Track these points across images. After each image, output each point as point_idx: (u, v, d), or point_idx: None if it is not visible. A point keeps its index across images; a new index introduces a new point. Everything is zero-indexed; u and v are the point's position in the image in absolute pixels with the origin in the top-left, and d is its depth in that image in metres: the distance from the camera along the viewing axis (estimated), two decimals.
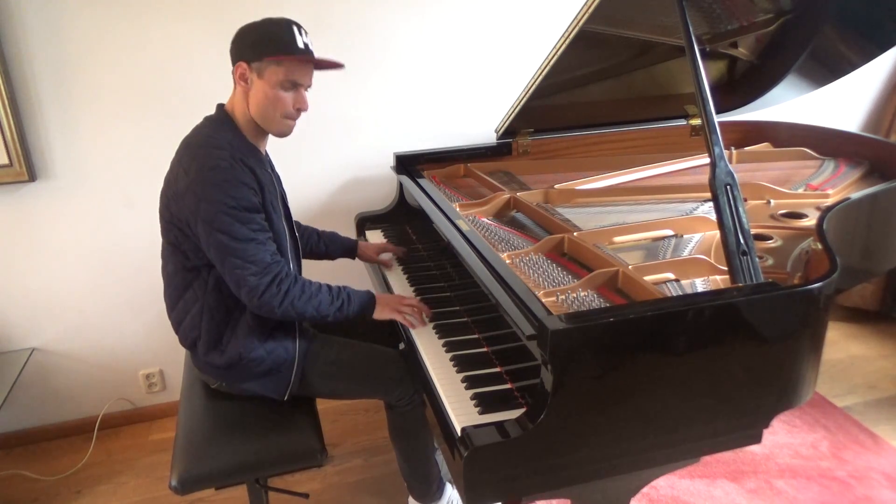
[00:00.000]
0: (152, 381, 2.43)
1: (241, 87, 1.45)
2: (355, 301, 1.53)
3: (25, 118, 2.01)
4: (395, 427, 1.74)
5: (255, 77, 1.43)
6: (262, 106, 1.45)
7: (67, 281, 2.21)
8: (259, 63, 1.41)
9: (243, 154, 1.43)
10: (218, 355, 1.53)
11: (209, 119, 1.51)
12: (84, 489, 2.13)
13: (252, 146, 1.50)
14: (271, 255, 1.43)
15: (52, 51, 1.97)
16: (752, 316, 1.15)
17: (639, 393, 1.13)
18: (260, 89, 1.43)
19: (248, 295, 1.41)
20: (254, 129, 1.50)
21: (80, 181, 2.12)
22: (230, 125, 1.48)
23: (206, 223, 1.38)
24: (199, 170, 1.38)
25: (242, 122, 1.49)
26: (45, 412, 2.35)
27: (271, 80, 1.42)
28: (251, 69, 1.42)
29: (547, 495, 1.23)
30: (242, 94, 1.46)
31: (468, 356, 1.44)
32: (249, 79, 1.43)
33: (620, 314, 1.08)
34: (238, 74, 1.44)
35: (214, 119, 1.50)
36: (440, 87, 2.38)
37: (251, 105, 1.46)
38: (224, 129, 1.46)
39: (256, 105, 1.45)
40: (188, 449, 1.48)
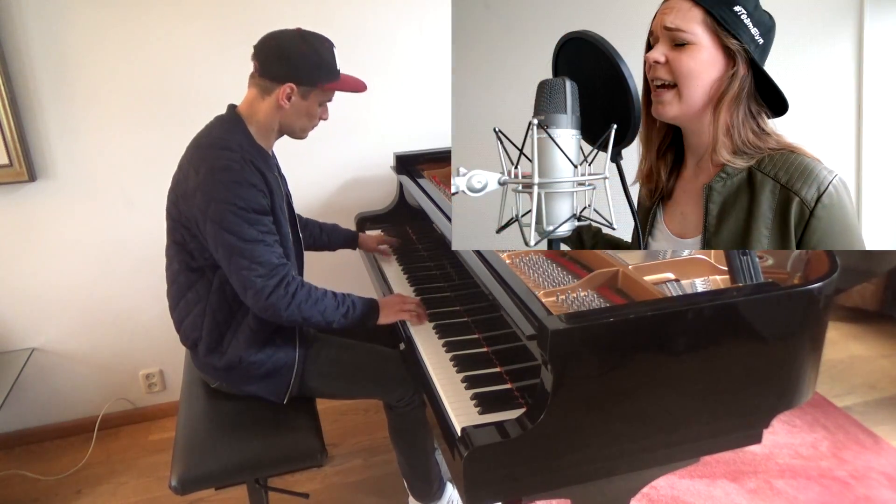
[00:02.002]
0: (152, 381, 2.43)
1: (280, 102, 1.45)
2: (359, 308, 1.53)
3: (25, 118, 2.01)
4: (395, 427, 1.74)
5: (299, 99, 1.45)
6: (299, 121, 1.50)
7: (67, 281, 2.21)
8: (308, 88, 1.45)
9: (253, 156, 1.43)
10: (218, 357, 1.53)
11: (220, 119, 1.51)
12: (84, 489, 2.13)
13: (261, 148, 1.50)
14: (278, 258, 1.43)
15: (53, 51, 1.97)
16: (752, 316, 1.15)
17: (639, 393, 1.13)
18: (302, 108, 1.47)
19: (253, 297, 1.41)
20: (268, 133, 1.51)
21: (80, 181, 2.11)
22: (241, 127, 1.47)
23: (214, 223, 1.38)
24: (209, 170, 1.38)
25: (258, 127, 1.49)
26: (45, 412, 2.35)
27: (314, 101, 1.48)
28: (298, 91, 1.44)
29: (547, 495, 1.23)
30: (276, 108, 1.46)
31: (468, 356, 1.44)
32: (293, 98, 1.45)
33: (620, 314, 1.08)
34: (284, 94, 1.43)
35: (226, 120, 1.50)
36: (440, 87, 2.38)
37: (285, 119, 1.48)
38: (235, 131, 1.46)
39: (292, 120, 1.48)
40: (188, 449, 1.48)
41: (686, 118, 1.02)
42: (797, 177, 0.92)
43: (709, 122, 1.00)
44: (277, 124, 1.49)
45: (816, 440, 2.23)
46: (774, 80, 0.96)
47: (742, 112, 0.98)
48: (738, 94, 0.97)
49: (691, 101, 1.00)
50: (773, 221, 0.94)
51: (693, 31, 0.96)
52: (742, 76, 0.97)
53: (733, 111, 0.98)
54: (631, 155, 1.08)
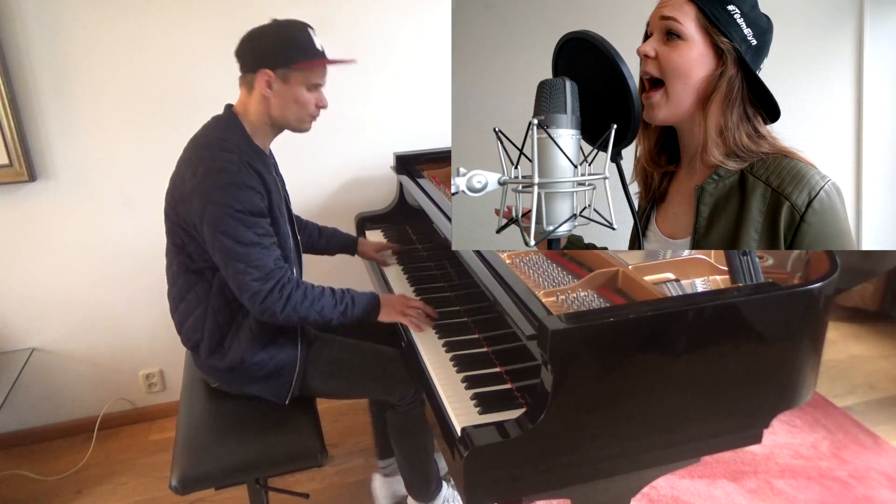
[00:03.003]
0: (152, 381, 2.43)
1: (262, 92, 1.44)
2: (359, 304, 1.53)
3: (25, 118, 2.01)
4: (395, 427, 1.74)
5: (280, 83, 1.43)
6: (289, 109, 1.46)
7: (67, 281, 2.21)
8: (285, 70, 1.42)
9: (251, 157, 1.43)
10: (220, 359, 1.53)
11: (218, 119, 1.50)
12: (84, 489, 2.13)
13: (259, 149, 1.49)
14: (275, 261, 1.42)
15: (53, 51, 1.97)
16: (752, 316, 1.15)
17: (639, 393, 1.13)
18: (286, 94, 1.44)
19: (249, 300, 1.41)
20: (264, 131, 1.50)
21: (80, 181, 2.12)
22: (238, 127, 1.47)
23: (211, 226, 1.38)
24: (206, 172, 1.38)
25: (254, 125, 1.49)
26: (45, 412, 2.35)
27: (298, 85, 1.44)
28: (276, 76, 1.42)
29: (547, 495, 1.23)
30: (261, 99, 1.45)
31: (468, 356, 1.44)
32: (274, 85, 1.43)
33: (620, 314, 1.08)
34: (262, 82, 1.42)
35: (223, 119, 1.49)
36: (440, 87, 2.38)
37: (274, 109, 1.46)
38: (232, 131, 1.46)
39: (281, 109, 1.46)
40: (188, 449, 1.48)
41: (676, 119, 1.02)
42: (788, 181, 0.92)
43: (699, 121, 1.00)
44: (269, 118, 1.48)
45: (816, 440, 2.23)
46: (766, 84, 0.96)
47: (736, 114, 0.97)
48: (728, 95, 0.97)
49: (678, 100, 0.99)
50: (762, 225, 0.94)
51: (686, 24, 0.97)
52: (731, 76, 0.96)
53: (727, 112, 0.97)
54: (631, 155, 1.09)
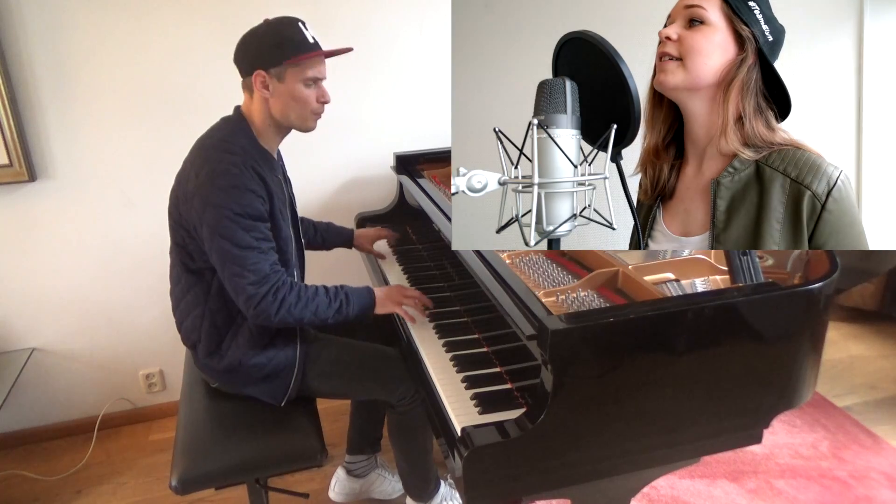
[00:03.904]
0: (152, 381, 2.43)
1: (261, 94, 1.44)
2: (354, 300, 1.52)
3: (25, 118, 2.01)
4: (395, 427, 1.74)
5: (276, 82, 1.43)
6: (289, 108, 1.45)
7: (67, 281, 2.21)
8: (278, 68, 1.42)
9: (255, 160, 1.43)
10: (217, 360, 1.53)
11: (226, 120, 1.50)
12: (84, 489, 2.13)
13: (265, 151, 1.49)
14: (271, 266, 1.42)
15: (53, 51, 1.97)
16: (752, 316, 1.15)
17: (639, 393, 1.13)
18: (284, 93, 1.43)
19: (245, 303, 1.41)
20: (270, 133, 1.50)
21: (80, 181, 2.11)
22: (246, 130, 1.47)
23: (210, 227, 1.38)
24: (209, 173, 1.38)
25: (259, 127, 1.48)
26: (45, 412, 2.35)
27: (294, 82, 1.43)
28: (270, 76, 1.42)
29: (547, 495, 1.23)
30: (262, 101, 1.45)
31: (468, 356, 1.44)
32: (270, 85, 1.43)
33: (620, 314, 1.08)
34: (258, 83, 1.43)
35: (232, 121, 1.49)
36: (440, 87, 2.38)
37: (275, 109, 1.46)
38: (239, 133, 1.46)
39: (282, 108, 1.45)
40: (188, 449, 1.48)
41: (688, 91, 1.02)
42: (806, 172, 0.93)
43: (717, 106, 1.00)
44: (272, 120, 1.48)
45: (816, 440, 2.23)
46: (782, 79, 0.97)
47: (753, 104, 0.99)
48: (746, 83, 0.98)
49: (695, 73, 1.00)
50: (784, 215, 0.95)
51: (710, 11, 0.98)
52: (750, 65, 0.98)
53: (745, 100, 0.98)
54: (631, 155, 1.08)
